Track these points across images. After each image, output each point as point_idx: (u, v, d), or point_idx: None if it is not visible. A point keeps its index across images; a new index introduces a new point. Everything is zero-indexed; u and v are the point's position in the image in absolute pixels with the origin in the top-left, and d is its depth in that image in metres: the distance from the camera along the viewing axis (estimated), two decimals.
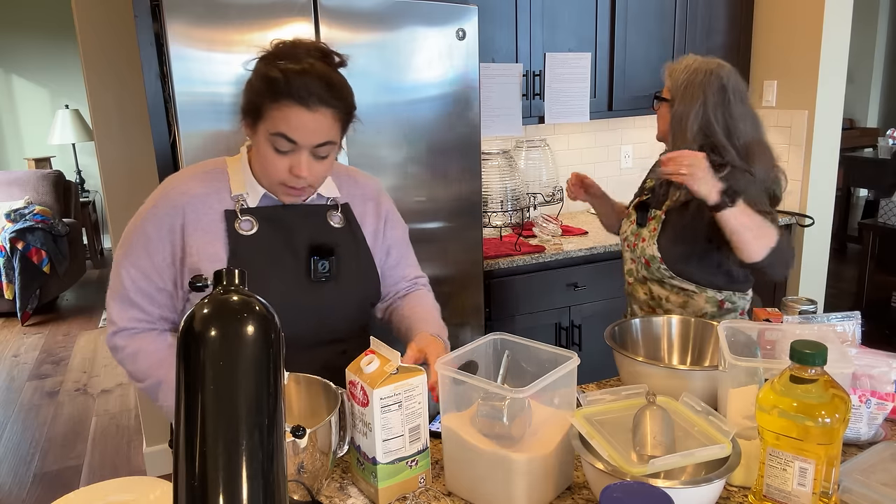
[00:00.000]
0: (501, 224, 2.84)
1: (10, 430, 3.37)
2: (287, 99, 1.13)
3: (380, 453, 1.05)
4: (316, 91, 1.13)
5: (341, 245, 1.30)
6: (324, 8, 1.95)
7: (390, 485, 1.07)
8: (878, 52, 7.20)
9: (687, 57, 1.69)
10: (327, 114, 1.16)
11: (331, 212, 1.32)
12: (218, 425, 0.64)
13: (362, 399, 1.05)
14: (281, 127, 1.15)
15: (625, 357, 1.31)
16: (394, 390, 1.04)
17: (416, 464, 1.09)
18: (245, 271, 0.74)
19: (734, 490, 1.06)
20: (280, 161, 1.18)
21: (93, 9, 2.45)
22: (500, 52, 2.71)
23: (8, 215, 4.86)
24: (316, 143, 1.17)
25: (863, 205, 6.10)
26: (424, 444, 1.10)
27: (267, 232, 1.25)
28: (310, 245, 1.27)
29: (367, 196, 1.39)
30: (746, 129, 1.62)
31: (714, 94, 1.59)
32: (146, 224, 1.22)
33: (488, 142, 2.97)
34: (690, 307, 1.69)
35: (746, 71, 3.30)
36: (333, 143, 1.20)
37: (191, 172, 1.28)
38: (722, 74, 1.61)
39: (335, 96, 1.16)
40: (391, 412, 1.04)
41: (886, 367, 1.17)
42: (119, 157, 2.59)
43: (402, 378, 1.05)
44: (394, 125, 2.12)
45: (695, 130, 1.61)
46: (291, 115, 1.14)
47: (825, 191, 3.18)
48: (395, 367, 1.05)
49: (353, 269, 1.31)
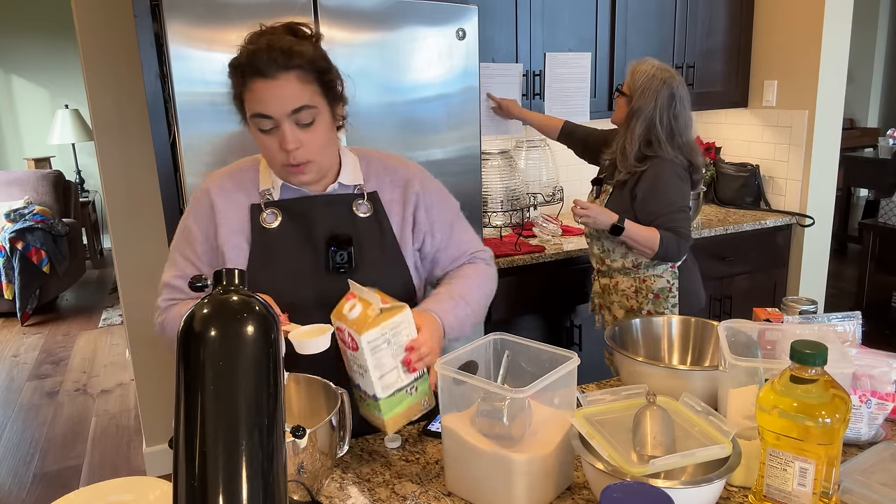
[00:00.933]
0: (501, 224, 2.84)
1: (10, 430, 3.37)
2: (251, 77, 1.15)
3: (378, 390, 1.09)
4: (274, 59, 1.13)
5: (364, 234, 1.29)
6: (324, 8, 1.95)
7: (395, 415, 1.12)
8: (878, 52, 7.20)
9: (647, 61, 2.10)
10: (290, 78, 1.15)
11: (357, 200, 1.31)
12: (218, 425, 0.64)
13: (352, 344, 1.07)
14: (254, 106, 1.17)
15: (625, 357, 1.31)
16: (380, 331, 1.07)
17: (415, 390, 1.13)
18: (244, 271, 0.74)
19: (734, 490, 1.06)
20: (270, 141, 1.19)
21: (93, 9, 2.45)
22: (500, 52, 2.71)
23: (8, 215, 4.86)
24: (289, 109, 1.16)
25: (863, 205, 6.10)
26: (421, 372, 1.13)
27: (290, 224, 1.27)
28: (328, 235, 1.27)
29: (396, 183, 1.36)
30: (687, 130, 2.11)
31: (664, 99, 2.05)
32: (187, 218, 1.31)
33: (488, 142, 2.97)
34: (630, 257, 2.17)
35: (746, 71, 3.30)
36: (312, 108, 1.18)
37: (226, 170, 1.34)
38: (673, 84, 2.06)
39: (294, 59, 1.15)
40: (381, 351, 1.07)
41: (886, 367, 1.17)
42: (119, 157, 2.58)
43: (386, 318, 1.07)
44: (394, 125, 2.12)
45: (642, 126, 2.07)
46: (257, 90, 1.15)
47: (825, 191, 3.18)
48: (377, 309, 1.06)
49: (377, 258, 1.30)
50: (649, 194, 2.08)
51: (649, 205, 2.08)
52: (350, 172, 1.32)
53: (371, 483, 1.13)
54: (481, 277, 1.38)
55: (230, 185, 1.29)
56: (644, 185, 2.08)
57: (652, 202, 2.08)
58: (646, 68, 2.08)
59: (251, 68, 1.15)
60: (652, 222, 2.07)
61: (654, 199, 2.07)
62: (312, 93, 1.18)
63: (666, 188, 2.07)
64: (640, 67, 2.10)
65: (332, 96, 1.22)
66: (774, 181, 3.30)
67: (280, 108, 1.15)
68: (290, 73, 1.15)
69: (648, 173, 2.08)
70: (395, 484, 1.12)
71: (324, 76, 1.20)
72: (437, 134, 2.20)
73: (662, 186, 2.07)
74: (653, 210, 2.08)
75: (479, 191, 2.33)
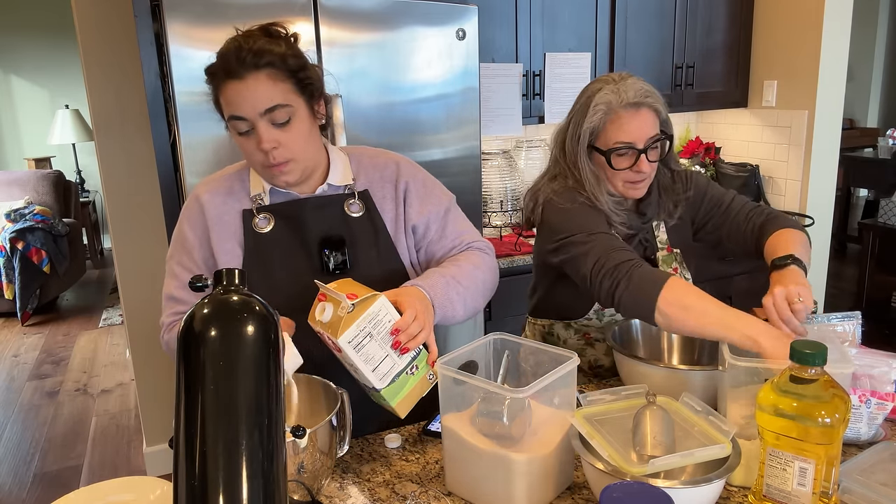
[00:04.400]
0: (501, 224, 2.85)
1: (10, 430, 3.37)
2: (223, 79, 1.15)
3: (375, 381, 1.07)
4: (242, 59, 1.13)
5: (357, 234, 1.28)
6: (324, 8, 1.95)
7: (401, 398, 1.10)
8: (878, 52, 7.20)
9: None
10: (260, 77, 1.13)
11: (348, 200, 1.29)
12: (218, 425, 0.64)
13: (334, 346, 1.06)
14: (228, 109, 1.16)
15: (625, 357, 1.31)
16: (357, 329, 1.04)
17: (416, 369, 1.11)
18: (245, 271, 0.74)
19: (734, 490, 1.06)
20: (248, 144, 1.18)
21: (93, 9, 2.45)
22: (500, 52, 2.71)
23: (8, 215, 4.86)
24: (261, 109, 1.14)
25: (863, 205, 6.09)
26: (417, 350, 1.11)
27: (282, 228, 1.26)
28: (321, 237, 1.26)
29: (387, 178, 1.34)
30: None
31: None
32: (182, 225, 1.29)
33: (488, 142, 2.97)
34: None
35: (746, 71, 3.30)
36: (286, 106, 1.16)
37: (218, 175, 1.32)
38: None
39: (264, 58, 1.13)
40: (365, 346, 1.05)
41: (886, 367, 1.17)
42: (119, 157, 2.58)
43: (360, 312, 1.04)
44: (394, 125, 2.12)
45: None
46: (229, 92, 1.15)
47: (825, 191, 3.18)
48: (349, 307, 1.04)
49: (372, 257, 1.29)
50: (707, 202, 1.61)
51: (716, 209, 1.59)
52: (339, 172, 1.30)
53: (371, 483, 1.13)
54: (475, 262, 1.32)
55: (221, 191, 1.28)
56: (695, 197, 1.59)
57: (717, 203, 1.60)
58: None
59: (222, 71, 1.14)
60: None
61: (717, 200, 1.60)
62: (286, 91, 1.16)
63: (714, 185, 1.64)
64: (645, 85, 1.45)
65: (309, 94, 1.20)
66: (774, 181, 3.30)
67: (252, 109, 1.14)
68: (260, 72, 1.13)
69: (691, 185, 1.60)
70: (395, 484, 1.12)
71: (297, 73, 1.17)
72: (437, 134, 2.20)
73: (711, 184, 1.63)
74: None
75: (479, 191, 2.33)
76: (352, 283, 1.13)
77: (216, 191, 1.28)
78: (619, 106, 1.38)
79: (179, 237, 1.29)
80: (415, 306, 1.11)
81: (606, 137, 1.41)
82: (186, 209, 1.30)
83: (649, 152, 1.41)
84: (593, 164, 1.46)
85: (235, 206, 1.27)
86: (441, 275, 1.23)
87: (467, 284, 1.25)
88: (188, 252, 1.27)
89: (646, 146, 1.40)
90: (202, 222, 1.26)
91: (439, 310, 1.19)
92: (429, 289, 1.18)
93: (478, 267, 1.31)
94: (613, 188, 1.47)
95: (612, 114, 1.39)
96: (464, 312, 1.25)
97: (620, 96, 1.38)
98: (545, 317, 1.66)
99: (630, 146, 1.39)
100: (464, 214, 1.42)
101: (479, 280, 1.30)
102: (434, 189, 1.37)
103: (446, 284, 1.22)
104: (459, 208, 1.42)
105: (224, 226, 1.26)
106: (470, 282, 1.27)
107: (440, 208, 1.36)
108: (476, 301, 1.29)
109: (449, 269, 1.26)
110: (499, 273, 1.40)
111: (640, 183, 1.45)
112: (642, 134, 1.39)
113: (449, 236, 1.36)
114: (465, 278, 1.26)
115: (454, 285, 1.23)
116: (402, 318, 1.09)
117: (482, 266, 1.33)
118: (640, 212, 1.54)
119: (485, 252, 1.37)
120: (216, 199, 1.27)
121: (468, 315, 1.27)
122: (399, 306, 1.11)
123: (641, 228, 1.53)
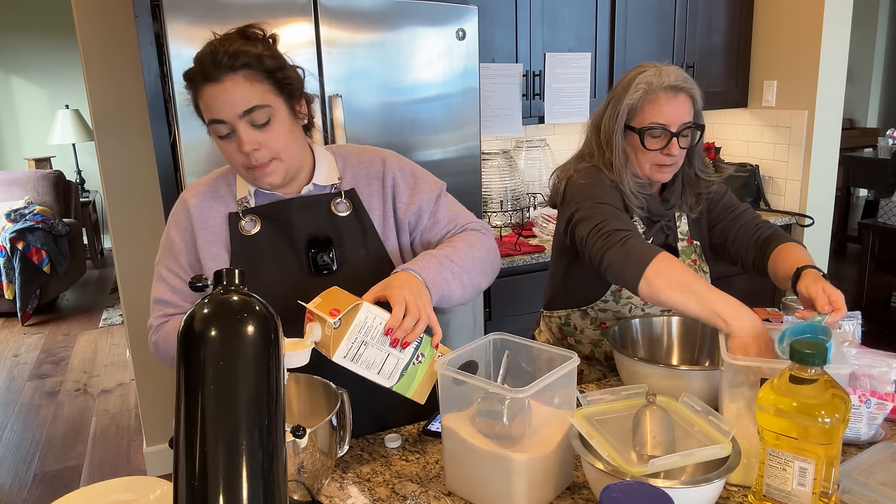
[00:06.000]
0: (501, 224, 2.85)
1: (10, 430, 3.37)
2: (200, 83, 1.14)
3: (384, 381, 1.08)
4: (218, 62, 1.12)
5: (344, 234, 1.27)
6: (324, 8, 1.95)
7: (415, 389, 1.11)
8: (878, 52, 7.20)
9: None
10: (237, 79, 1.13)
11: (335, 200, 1.29)
12: (218, 425, 0.64)
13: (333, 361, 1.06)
14: (207, 113, 1.16)
15: (625, 357, 1.31)
16: (348, 343, 1.04)
17: (423, 356, 1.12)
18: (245, 271, 0.74)
19: (734, 490, 1.06)
20: (229, 147, 1.17)
21: (93, 9, 2.45)
22: (500, 52, 2.71)
23: (8, 215, 4.86)
24: (239, 111, 1.13)
25: (863, 205, 6.09)
26: (419, 339, 1.11)
27: (269, 230, 1.25)
28: (308, 238, 1.26)
29: (373, 175, 1.33)
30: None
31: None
32: (169, 230, 1.29)
33: (488, 142, 2.97)
34: None
35: (746, 71, 3.31)
36: (265, 107, 1.15)
37: (204, 180, 1.32)
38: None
39: (239, 59, 1.13)
40: (363, 355, 1.05)
41: (886, 367, 1.17)
42: (119, 157, 2.59)
43: (347, 327, 1.03)
44: (394, 125, 2.12)
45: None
46: (206, 96, 1.14)
47: (825, 191, 3.18)
48: (334, 323, 1.03)
49: (360, 257, 1.28)
50: (723, 205, 1.65)
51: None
52: (325, 172, 1.29)
53: (371, 483, 1.13)
54: (470, 241, 1.28)
55: (208, 196, 1.28)
56: (714, 197, 1.64)
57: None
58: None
59: (200, 75, 1.14)
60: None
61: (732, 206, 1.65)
62: (264, 91, 1.15)
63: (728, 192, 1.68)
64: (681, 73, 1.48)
65: (288, 93, 1.19)
66: (774, 181, 3.30)
67: (230, 111, 1.13)
68: (237, 73, 1.13)
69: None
70: (395, 484, 1.12)
71: (275, 74, 1.17)
72: (437, 134, 2.20)
73: (730, 191, 1.68)
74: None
75: (479, 191, 2.33)
76: (336, 294, 1.11)
77: (202, 195, 1.28)
78: (660, 87, 1.44)
79: (167, 241, 1.29)
80: (402, 299, 1.08)
81: (643, 116, 1.46)
82: (174, 214, 1.30)
83: (681, 138, 1.45)
84: (626, 142, 1.50)
85: (222, 209, 1.27)
86: (433, 255, 1.21)
87: (462, 263, 1.23)
88: (174, 256, 1.27)
89: (679, 130, 1.45)
90: (189, 227, 1.26)
91: (434, 291, 1.16)
92: (420, 270, 1.16)
93: (473, 246, 1.28)
94: (640, 171, 1.50)
95: (651, 94, 1.44)
96: (461, 291, 1.23)
97: (662, 78, 1.44)
98: (561, 307, 1.68)
99: (664, 128, 1.44)
100: (454, 199, 1.40)
101: (475, 258, 1.27)
102: (423, 178, 1.36)
103: (439, 264, 1.19)
104: (451, 195, 1.40)
105: (210, 230, 1.26)
106: (465, 260, 1.24)
107: (431, 196, 1.34)
108: (475, 279, 1.26)
109: (442, 249, 1.24)
110: (499, 253, 1.38)
111: (668, 168, 1.48)
112: (677, 118, 1.44)
113: (442, 221, 1.34)
114: (459, 257, 1.23)
115: (448, 265, 1.20)
116: (391, 316, 1.07)
117: (478, 245, 1.29)
118: (664, 198, 1.57)
119: (481, 232, 1.35)
120: (203, 203, 1.27)
121: (468, 294, 1.25)
122: (387, 293, 1.09)
123: (664, 215, 1.57)
